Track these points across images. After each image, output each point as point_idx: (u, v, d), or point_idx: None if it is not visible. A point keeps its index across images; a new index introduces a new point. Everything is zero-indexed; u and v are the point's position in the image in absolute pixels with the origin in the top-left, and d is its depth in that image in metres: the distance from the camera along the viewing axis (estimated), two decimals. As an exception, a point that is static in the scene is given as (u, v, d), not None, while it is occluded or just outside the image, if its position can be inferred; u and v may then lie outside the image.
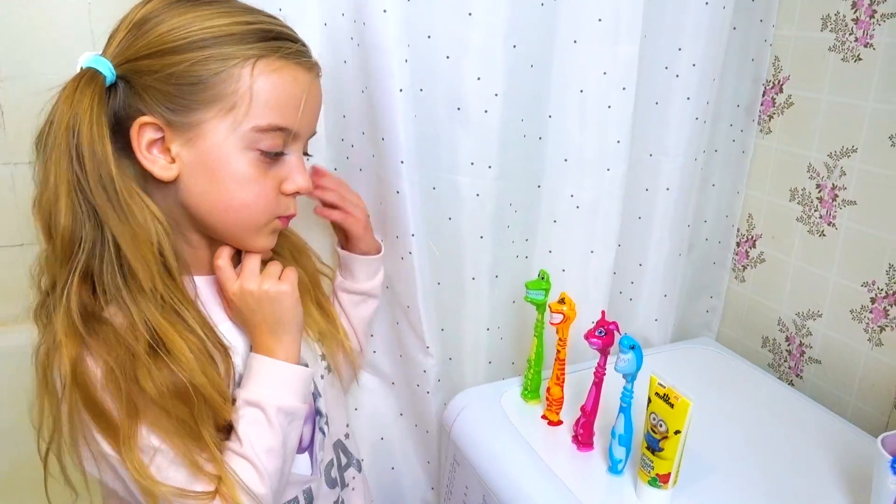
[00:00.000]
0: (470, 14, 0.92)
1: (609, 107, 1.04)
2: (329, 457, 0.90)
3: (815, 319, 1.13)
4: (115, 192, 0.65)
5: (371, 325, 1.03)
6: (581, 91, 1.04)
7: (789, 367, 1.19)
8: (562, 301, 0.90)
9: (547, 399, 0.95)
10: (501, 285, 1.08)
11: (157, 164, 0.69)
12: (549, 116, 1.05)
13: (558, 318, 0.90)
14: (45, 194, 0.66)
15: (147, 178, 0.70)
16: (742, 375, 1.11)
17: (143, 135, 0.68)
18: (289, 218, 0.78)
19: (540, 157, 1.07)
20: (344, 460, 0.94)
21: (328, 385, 0.92)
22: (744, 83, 1.18)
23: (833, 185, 1.08)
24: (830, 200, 1.09)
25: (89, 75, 0.67)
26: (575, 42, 1.01)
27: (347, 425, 0.97)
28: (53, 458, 0.70)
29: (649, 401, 0.78)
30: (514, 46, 0.94)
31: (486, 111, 0.95)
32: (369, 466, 1.13)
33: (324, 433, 0.88)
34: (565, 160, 1.08)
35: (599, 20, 1.00)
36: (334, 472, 0.90)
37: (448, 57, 0.93)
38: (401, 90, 0.89)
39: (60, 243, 0.66)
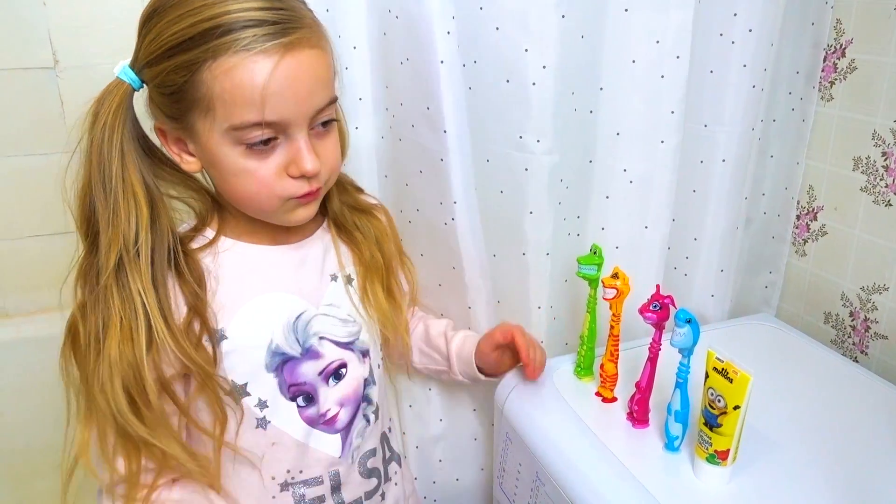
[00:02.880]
0: None
1: (662, 76, 1.01)
2: (371, 446, 0.91)
3: (881, 293, 1.09)
4: (111, 191, 0.71)
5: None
6: (633, 61, 1.01)
7: (853, 343, 1.15)
8: (615, 276, 0.89)
9: (601, 376, 0.94)
10: (554, 263, 1.06)
11: (182, 159, 0.75)
12: (601, 89, 1.03)
13: (612, 293, 0.89)
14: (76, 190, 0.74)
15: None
16: (803, 352, 1.08)
17: (166, 137, 0.75)
18: (309, 195, 0.76)
19: (591, 130, 1.05)
20: (388, 453, 0.95)
21: (382, 375, 0.93)
22: (803, 48, 1.13)
23: (900, 152, 1.03)
24: (897, 168, 1.04)
25: (115, 83, 0.72)
26: (626, 10, 0.98)
27: (390, 419, 0.98)
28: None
29: (707, 376, 0.76)
30: (563, 17, 0.92)
31: (533, 83, 0.94)
32: (412, 442, 1.15)
33: (368, 421, 0.89)
34: (617, 134, 1.06)
35: (651, -14, 0.97)
36: (373, 463, 0.91)
37: (498, 28, 0.92)
38: (442, 61, 0.89)
39: (78, 230, 0.76)
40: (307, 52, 0.70)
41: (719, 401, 0.74)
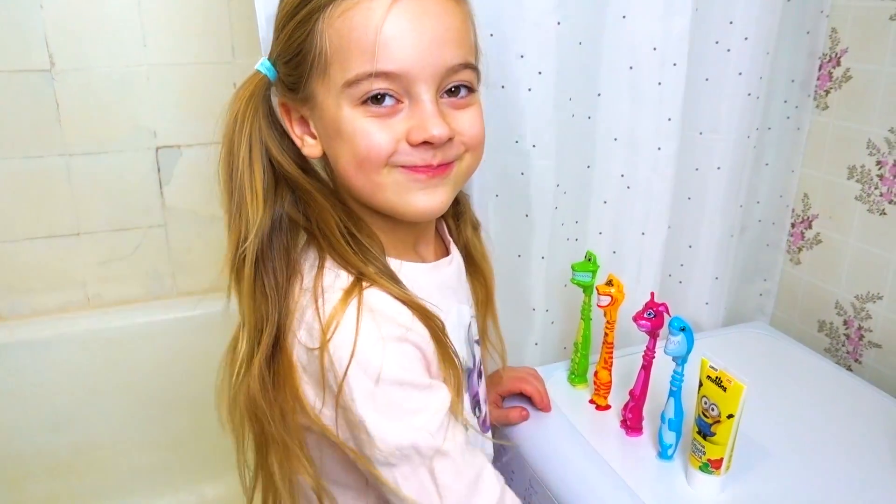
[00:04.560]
0: None
1: (660, 83, 1.01)
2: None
3: (875, 302, 1.09)
4: (238, 185, 0.66)
5: None
6: (631, 68, 1.01)
7: (847, 352, 1.15)
8: (609, 283, 0.89)
9: (595, 383, 0.94)
10: (553, 267, 1.06)
11: (305, 143, 0.68)
12: (599, 95, 1.03)
13: (606, 300, 0.89)
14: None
15: (325, 161, 0.70)
16: (797, 360, 1.08)
17: (290, 117, 0.69)
18: (429, 169, 0.65)
19: (590, 136, 1.05)
20: None
21: None
22: (799, 57, 1.14)
23: (895, 160, 1.03)
24: (892, 177, 1.04)
25: (250, 77, 0.68)
26: (624, 17, 0.98)
27: None
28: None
29: (700, 384, 0.76)
30: (559, 23, 0.92)
31: (529, 89, 0.94)
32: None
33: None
34: (615, 139, 1.06)
35: (649, -7, 0.97)
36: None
37: (492, 35, 0.91)
38: None
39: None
40: (424, 2, 0.62)
41: (713, 409, 0.74)
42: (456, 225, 0.82)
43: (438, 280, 0.74)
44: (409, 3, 0.61)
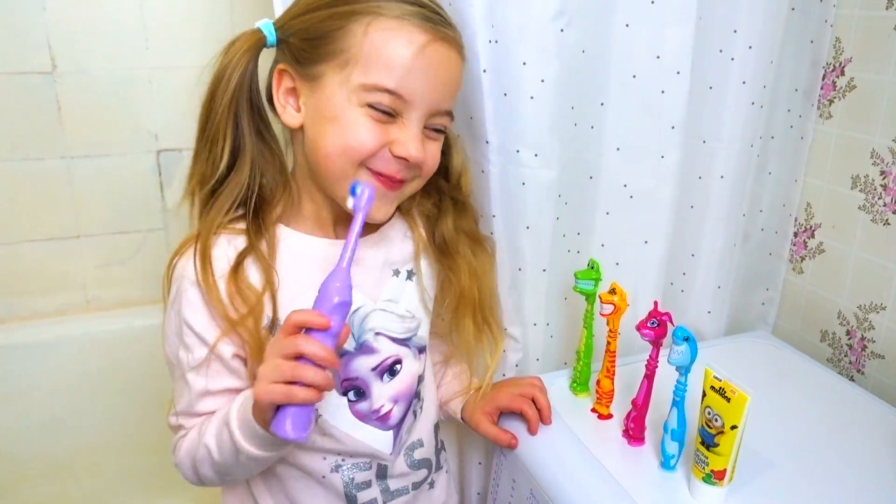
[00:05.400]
0: None
1: (663, 92, 1.01)
2: (417, 437, 0.90)
3: (878, 312, 1.09)
4: (212, 125, 0.76)
5: None
6: (634, 76, 1.01)
7: (850, 362, 1.15)
8: (612, 291, 0.88)
9: (597, 392, 0.94)
10: (553, 280, 1.05)
11: (286, 110, 0.76)
12: (602, 104, 1.02)
13: (609, 308, 0.88)
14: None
15: (293, 132, 0.79)
16: (800, 370, 1.07)
17: (281, 82, 0.76)
18: (388, 180, 0.75)
19: (593, 146, 1.04)
20: (439, 444, 0.95)
21: (430, 369, 0.93)
22: (802, 66, 1.13)
23: (899, 171, 1.03)
24: (895, 187, 1.04)
25: (250, 33, 0.76)
26: (627, 26, 0.98)
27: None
28: None
29: (704, 394, 0.75)
30: (562, 30, 0.91)
31: (531, 97, 0.93)
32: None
33: (415, 416, 0.89)
34: (618, 149, 1.05)
35: (652, 2, 0.97)
36: (421, 454, 0.90)
37: (497, 42, 0.91)
38: (484, 71, 0.89)
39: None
40: (453, 53, 0.75)
41: (716, 420, 0.73)
42: (433, 218, 0.89)
43: (321, 255, 0.79)
44: (438, 49, 0.73)
